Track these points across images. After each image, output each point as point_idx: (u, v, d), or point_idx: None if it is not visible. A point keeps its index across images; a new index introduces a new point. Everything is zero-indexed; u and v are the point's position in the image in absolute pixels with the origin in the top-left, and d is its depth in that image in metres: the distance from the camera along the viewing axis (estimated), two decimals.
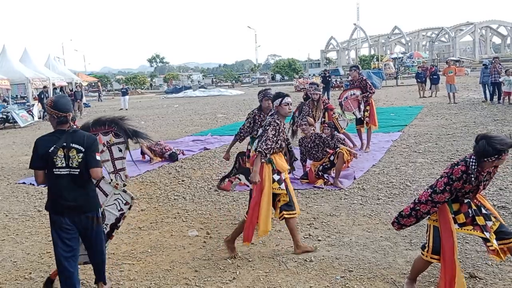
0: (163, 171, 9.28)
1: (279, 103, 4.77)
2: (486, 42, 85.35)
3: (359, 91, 9.88)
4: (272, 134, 4.64)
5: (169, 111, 25.76)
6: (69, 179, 3.58)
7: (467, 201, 3.59)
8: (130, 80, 74.27)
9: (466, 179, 3.42)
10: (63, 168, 3.56)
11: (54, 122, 3.68)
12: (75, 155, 3.58)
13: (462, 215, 3.58)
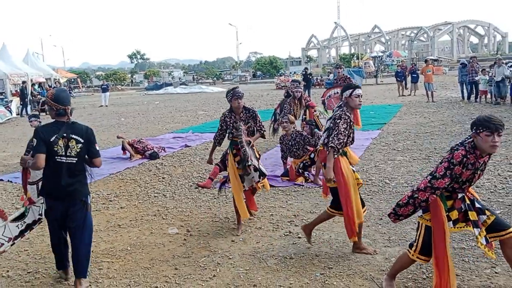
0: (143, 168, 9.21)
1: (349, 94, 4.49)
2: (464, 41, 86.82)
3: None
4: (343, 128, 4.38)
5: (150, 108, 25.57)
6: (67, 167, 3.90)
7: (461, 196, 3.50)
8: (110, 76, 73.43)
9: (465, 163, 3.36)
10: (63, 156, 3.88)
11: (53, 113, 4.00)
12: (74, 145, 3.93)
13: (455, 212, 3.49)
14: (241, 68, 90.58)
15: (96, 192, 7.59)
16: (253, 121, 5.54)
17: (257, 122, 5.55)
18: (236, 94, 5.43)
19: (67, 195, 3.94)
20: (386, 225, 5.35)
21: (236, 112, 5.55)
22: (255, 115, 5.56)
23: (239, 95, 5.41)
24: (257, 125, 5.55)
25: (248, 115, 5.54)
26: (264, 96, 30.05)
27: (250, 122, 5.52)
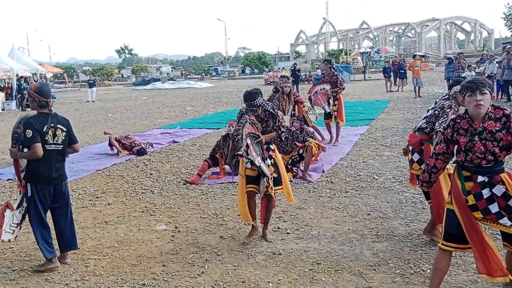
0: (131, 165, 9.14)
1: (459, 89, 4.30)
2: (451, 38, 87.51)
3: (329, 86, 9.87)
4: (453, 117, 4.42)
5: (137, 103, 25.39)
6: (56, 154, 4.40)
7: (482, 180, 3.20)
8: (97, 71, 72.78)
9: (454, 127, 3.27)
10: (52, 144, 4.35)
11: (35, 104, 4.41)
12: (60, 133, 4.41)
13: (471, 196, 3.23)
14: (230, 63, 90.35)
15: (83, 188, 7.51)
16: (272, 121, 5.05)
17: (276, 122, 5.04)
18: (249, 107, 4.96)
19: (56, 178, 4.43)
20: (375, 220, 5.37)
21: None
22: (274, 114, 5.07)
23: (253, 109, 4.94)
24: (276, 125, 5.04)
25: (267, 114, 5.05)
26: None
27: (270, 121, 5.04)
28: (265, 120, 5.04)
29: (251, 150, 4.68)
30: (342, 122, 10.36)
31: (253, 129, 4.87)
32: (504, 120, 3.16)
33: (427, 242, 4.64)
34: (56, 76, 55.51)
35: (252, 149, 4.70)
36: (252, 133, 4.83)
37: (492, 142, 3.15)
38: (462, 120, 3.27)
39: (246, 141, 4.65)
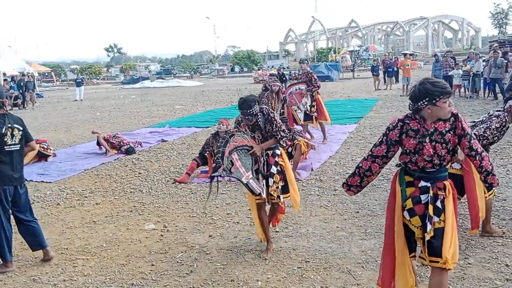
0: (119, 164, 9.09)
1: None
2: (439, 36, 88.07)
3: (305, 86, 9.84)
4: (495, 126, 4.48)
5: (126, 102, 25.25)
6: (15, 154, 4.43)
7: (424, 186, 3.10)
8: (85, 70, 72.25)
9: (402, 129, 3.10)
10: (12, 145, 4.39)
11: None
12: (17, 133, 4.44)
13: (410, 200, 3.14)
14: (219, 62, 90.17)
15: (71, 188, 7.46)
16: (270, 126, 4.54)
17: (273, 127, 4.54)
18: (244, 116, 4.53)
19: (18, 179, 4.47)
20: (363, 218, 5.40)
21: None
22: (271, 119, 4.56)
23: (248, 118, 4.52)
24: (274, 130, 4.53)
25: (264, 119, 4.58)
26: (242, 90, 29.96)
27: (268, 127, 4.56)
28: (263, 127, 4.61)
29: (236, 167, 4.27)
30: (328, 121, 10.33)
31: (245, 141, 4.45)
32: (452, 119, 3.06)
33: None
34: (44, 75, 54.95)
35: (240, 165, 4.30)
36: (241, 146, 4.41)
37: (441, 144, 3.05)
38: (412, 121, 3.10)
39: (231, 157, 4.28)
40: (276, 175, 4.51)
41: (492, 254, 4.23)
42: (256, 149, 4.47)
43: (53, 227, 5.72)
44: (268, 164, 4.55)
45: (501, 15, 54.34)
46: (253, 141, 4.51)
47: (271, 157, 4.58)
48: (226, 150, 4.31)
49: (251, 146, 4.46)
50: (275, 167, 4.55)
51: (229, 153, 4.29)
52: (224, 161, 4.25)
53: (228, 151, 4.30)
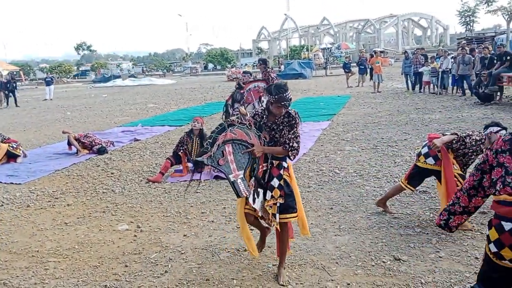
0: (91, 164, 8.94)
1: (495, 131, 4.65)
2: (408, 33, 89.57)
3: (264, 84, 9.88)
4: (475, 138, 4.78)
5: (97, 101, 24.85)
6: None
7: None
8: (55, 68, 70.80)
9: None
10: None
11: None
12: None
13: None
14: (192, 59, 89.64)
15: (41, 189, 7.30)
16: (287, 130, 3.83)
17: (290, 133, 3.81)
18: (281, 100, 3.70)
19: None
20: (337, 214, 5.45)
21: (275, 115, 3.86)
22: (295, 124, 3.84)
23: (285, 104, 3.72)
24: (289, 137, 3.79)
25: (288, 120, 3.84)
26: (215, 88, 29.88)
27: (284, 131, 3.83)
28: (279, 129, 3.83)
29: (226, 160, 3.66)
30: None
31: (246, 136, 3.76)
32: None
33: (387, 234, 4.75)
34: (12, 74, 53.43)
35: (232, 160, 3.68)
36: (239, 140, 3.75)
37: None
38: None
39: (223, 147, 3.68)
40: (276, 189, 3.82)
41: (462, 248, 4.33)
42: (257, 149, 3.74)
43: (23, 229, 5.59)
44: (270, 175, 3.86)
45: (467, 13, 55.57)
46: (256, 140, 3.80)
47: (275, 168, 3.87)
48: (220, 137, 3.71)
49: (251, 143, 3.76)
50: (277, 180, 3.84)
51: (222, 142, 3.69)
52: (213, 148, 3.65)
53: (222, 140, 3.70)
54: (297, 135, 3.81)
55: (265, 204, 3.84)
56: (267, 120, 3.87)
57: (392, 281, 3.81)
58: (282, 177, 3.88)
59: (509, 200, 2.42)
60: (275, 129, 3.85)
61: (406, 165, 7.24)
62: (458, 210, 2.83)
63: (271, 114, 3.85)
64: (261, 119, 3.89)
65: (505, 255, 2.42)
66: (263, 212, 3.88)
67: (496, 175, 2.55)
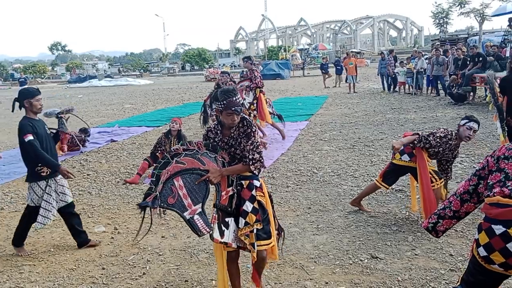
0: (66, 165, 8.78)
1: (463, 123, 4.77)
2: (384, 35, 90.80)
3: (248, 82, 9.89)
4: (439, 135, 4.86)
5: (73, 101, 24.46)
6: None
7: None
8: (29, 68, 69.50)
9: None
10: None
11: None
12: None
13: None
14: (169, 60, 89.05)
15: (15, 192, 7.16)
16: (245, 141, 3.32)
17: (248, 144, 3.30)
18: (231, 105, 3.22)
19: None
20: (315, 213, 5.49)
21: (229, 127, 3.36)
22: (251, 132, 3.33)
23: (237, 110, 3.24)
24: (247, 149, 3.29)
25: (242, 131, 3.35)
26: (193, 88, 29.75)
27: (243, 143, 3.33)
28: (237, 142, 3.34)
29: (177, 197, 3.20)
30: (263, 122, 9.92)
31: (197, 163, 3.27)
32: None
33: (364, 233, 4.81)
34: None
35: (185, 194, 3.22)
36: (189, 170, 3.25)
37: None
38: None
39: (171, 183, 3.21)
40: (250, 214, 3.30)
41: (437, 245, 4.41)
42: (213, 175, 3.23)
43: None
44: (240, 199, 3.36)
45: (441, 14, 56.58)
46: (212, 164, 3.30)
47: (245, 189, 3.37)
48: (164, 173, 3.20)
49: (206, 170, 3.25)
50: (250, 204, 3.33)
51: (169, 177, 3.20)
52: (158, 187, 3.16)
53: (167, 175, 3.20)
54: (256, 145, 3.30)
55: (239, 233, 3.31)
56: (223, 135, 3.37)
57: (370, 279, 3.86)
58: (255, 198, 3.36)
59: (502, 202, 2.41)
60: (233, 144, 3.33)
61: (382, 164, 7.33)
62: (448, 214, 2.82)
63: (225, 127, 3.36)
64: (216, 135, 3.40)
65: (495, 260, 2.40)
66: (238, 243, 3.35)
67: (494, 179, 2.56)
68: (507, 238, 2.34)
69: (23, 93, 4.68)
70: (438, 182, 4.94)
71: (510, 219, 2.36)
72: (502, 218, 2.39)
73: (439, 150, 4.89)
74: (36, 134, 4.51)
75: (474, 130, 4.76)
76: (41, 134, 4.58)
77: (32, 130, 4.50)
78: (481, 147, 8.24)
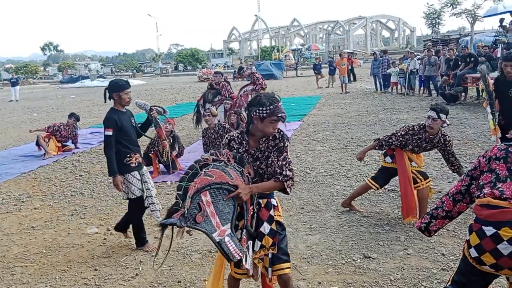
0: (59, 166, 8.76)
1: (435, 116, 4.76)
2: (377, 35, 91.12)
3: (252, 86, 9.94)
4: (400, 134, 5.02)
5: (65, 102, 24.35)
6: None
7: None
8: (21, 69, 69.10)
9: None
10: None
11: None
12: None
13: None
14: (162, 60, 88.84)
15: (7, 193, 7.11)
16: (276, 156, 2.97)
17: (280, 159, 2.95)
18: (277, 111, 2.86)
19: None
20: (308, 213, 5.50)
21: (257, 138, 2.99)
22: (284, 147, 2.98)
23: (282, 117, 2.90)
24: (279, 164, 2.94)
25: (272, 144, 2.98)
26: (186, 89, 29.71)
27: (272, 157, 2.97)
28: (265, 156, 2.98)
29: (205, 215, 2.73)
30: None
31: (226, 177, 2.84)
32: None
33: (357, 233, 4.82)
34: None
35: (213, 212, 2.76)
36: (217, 184, 2.80)
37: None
38: None
39: (198, 198, 2.73)
40: (267, 236, 2.98)
41: (429, 244, 4.43)
42: (243, 192, 2.82)
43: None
44: (258, 220, 3.00)
45: (433, 15, 56.85)
46: (239, 179, 2.88)
47: (263, 209, 3.02)
48: (192, 186, 2.74)
49: (235, 185, 2.83)
50: (268, 225, 2.99)
51: (196, 191, 2.74)
52: (185, 203, 2.70)
53: (195, 188, 2.74)
54: (289, 161, 2.98)
55: (254, 256, 2.96)
56: (249, 146, 2.98)
57: (362, 278, 3.87)
58: (274, 219, 3.03)
59: (492, 204, 2.42)
60: (260, 157, 2.97)
61: (375, 164, 7.36)
62: (441, 214, 2.83)
63: (253, 137, 2.98)
64: (240, 146, 2.99)
65: (486, 261, 2.40)
66: (253, 269, 3.00)
67: (485, 179, 2.57)
68: (498, 239, 2.35)
69: (113, 86, 4.63)
70: (423, 182, 4.98)
71: (501, 221, 2.37)
72: (492, 220, 2.40)
73: (412, 147, 4.97)
74: (121, 127, 4.53)
75: (433, 119, 4.76)
76: (126, 126, 4.60)
77: (115, 124, 4.51)
78: (472, 147, 8.29)
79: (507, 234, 2.33)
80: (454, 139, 8.90)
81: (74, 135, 10.21)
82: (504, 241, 2.33)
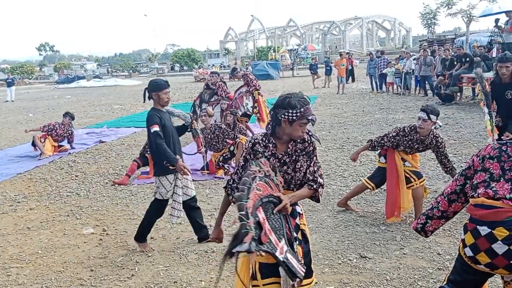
0: (54, 167, 8.73)
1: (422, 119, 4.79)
2: (373, 35, 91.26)
3: (245, 88, 9.93)
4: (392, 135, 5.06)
5: (61, 102, 24.28)
6: None
7: None
8: (17, 69, 68.88)
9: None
10: None
11: None
12: None
13: None
14: (158, 60, 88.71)
15: (2, 193, 7.09)
16: (306, 162, 2.86)
17: (311, 165, 2.87)
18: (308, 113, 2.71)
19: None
20: (304, 213, 5.47)
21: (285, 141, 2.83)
22: (313, 150, 2.90)
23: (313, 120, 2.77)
24: (310, 171, 2.85)
25: (301, 148, 2.85)
26: (183, 89, 29.69)
27: (301, 161, 2.84)
28: (292, 160, 2.81)
29: (266, 233, 2.36)
30: (263, 124, 9.85)
31: (268, 188, 2.57)
32: None
33: (353, 233, 4.83)
34: None
35: (269, 229, 2.41)
36: (265, 197, 2.51)
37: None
38: None
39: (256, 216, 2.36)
40: (298, 246, 2.72)
41: (425, 244, 4.44)
42: (286, 202, 2.61)
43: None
44: None
45: (429, 15, 57.00)
46: (278, 189, 2.68)
47: (291, 218, 2.77)
48: (250, 202, 2.36)
49: (277, 196, 2.59)
50: (295, 234, 2.75)
51: (254, 208, 2.37)
52: (250, 223, 2.29)
53: (252, 205, 2.37)
54: (319, 166, 2.87)
55: None
56: (276, 150, 2.79)
57: (359, 278, 3.88)
58: (299, 228, 2.84)
59: (486, 204, 2.43)
60: (288, 162, 2.79)
61: (371, 164, 7.37)
62: (436, 214, 2.83)
63: (279, 140, 2.80)
64: (265, 149, 2.79)
65: (481, 260, 2.42)
66: None
67: (479, 179, 2.57)
68: (493, 239, 2.36)
69: (152, 85, 4.66)
70: (417, 182, 5.01)
71: (495, 220, 2.38)
72: (487, 219, 2.41)
73: (404, 147, 4.99)
74: (164, 126, 4.49)
75: (423, 119, 4.77)
76: (168, 126, 4.57)
77: (159, 121, 4.48)
78: (468, 146, 8.32)
79: (501, 234, 2.34)
80: (450, 138, 8.93)
81: (70, 133, 10.17)
82: (498, 240, 2.35)
